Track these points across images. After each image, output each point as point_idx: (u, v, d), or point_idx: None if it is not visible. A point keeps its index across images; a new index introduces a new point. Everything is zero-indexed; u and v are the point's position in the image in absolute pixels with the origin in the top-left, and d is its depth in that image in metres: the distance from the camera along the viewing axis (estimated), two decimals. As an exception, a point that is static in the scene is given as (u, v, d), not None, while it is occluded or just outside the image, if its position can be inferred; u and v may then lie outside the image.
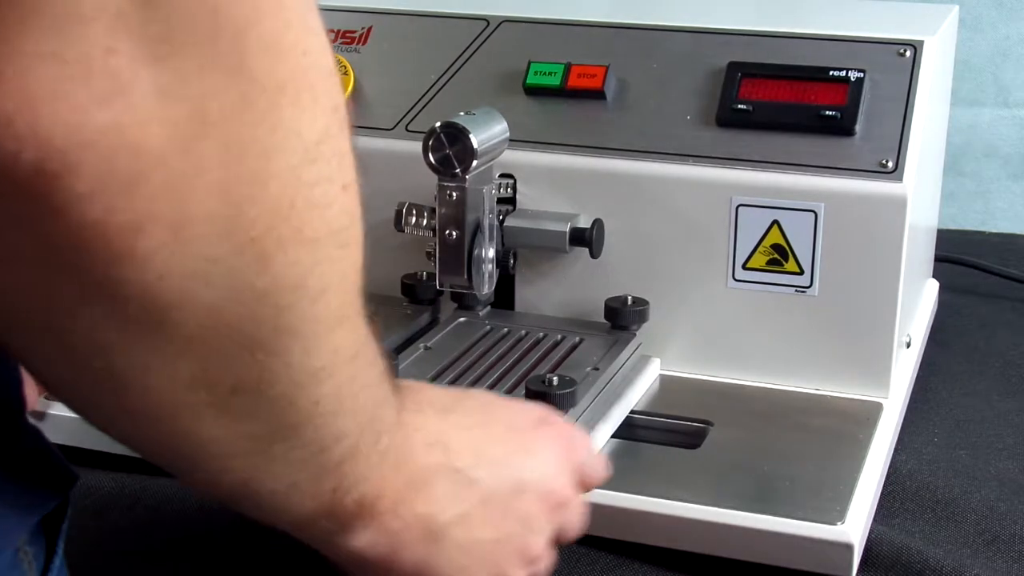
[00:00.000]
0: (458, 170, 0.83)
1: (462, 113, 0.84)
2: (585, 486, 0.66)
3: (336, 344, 0.47)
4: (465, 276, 0.86)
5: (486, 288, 0.88)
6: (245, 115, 0.39)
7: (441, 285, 0.88)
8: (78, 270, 0.38)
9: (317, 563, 0.64)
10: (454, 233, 0.85)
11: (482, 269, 0.87)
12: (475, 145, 0.82)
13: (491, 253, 0.87)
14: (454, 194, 0.84)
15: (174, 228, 0.38)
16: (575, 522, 0.65)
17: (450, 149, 0.82)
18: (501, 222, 0.90)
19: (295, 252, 0.42)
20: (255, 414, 0.46)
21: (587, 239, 0.90)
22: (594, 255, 0.91)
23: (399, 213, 0.88)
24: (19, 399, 0.50)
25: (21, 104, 0.34)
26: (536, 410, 0.66)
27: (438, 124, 0.83)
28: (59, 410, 0.86)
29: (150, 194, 0.37)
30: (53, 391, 0.45)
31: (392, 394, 0.54)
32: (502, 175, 0.93)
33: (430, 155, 0.83)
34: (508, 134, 0.87)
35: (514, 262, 0.93)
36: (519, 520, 0.61)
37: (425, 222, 0.88)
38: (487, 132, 0.85)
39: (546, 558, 0.63)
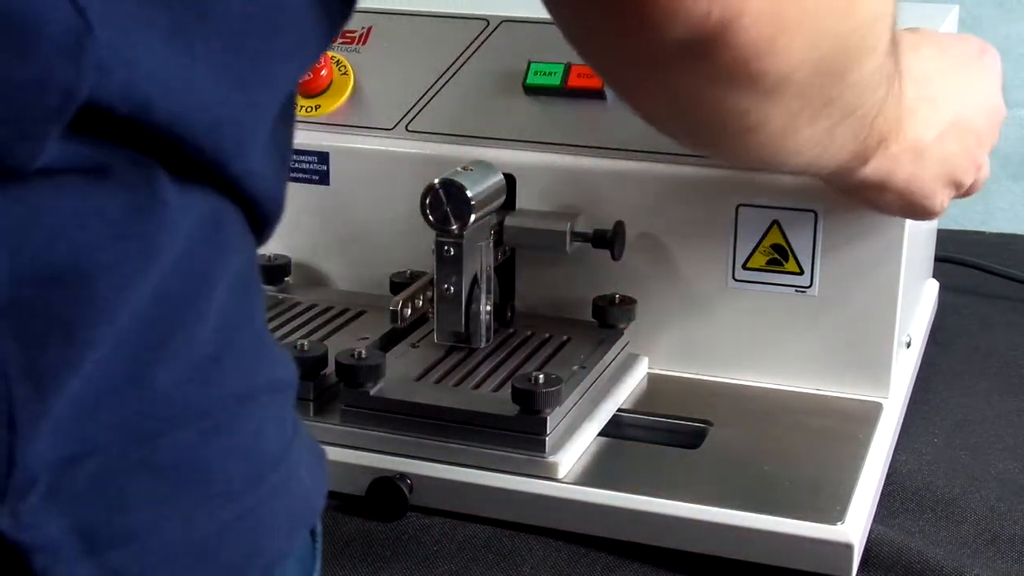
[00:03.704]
0: (455, 226, 0.83)
1: (459, 168, 0.84)
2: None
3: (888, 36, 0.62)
4: (463, 329, 0.87)
5: (483, 342, 0.88)
6: None
7: (439, 339, 0.88)
8: (730, 71, 0.54)
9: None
10: (451, 288, 0.85)
11: (479, 321, 0.87)
12: (472, 201, 0.82)
13: (488, 307, 0.88)
14: (451, 250, 0.84)
15: (797, 25, 0.53)
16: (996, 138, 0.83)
17: (447, 205, 0.82)
18: (501, 259, 0.91)
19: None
20: (832, 113, 0.62)
21: (609, 240, 0.89)
22: (616, 257, 0.90)
23: (394, 314, 0.86)
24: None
25: None
26: (976, 42, 0.83)
27: (436, 181, 0.83)
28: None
29: (785, 13, 0.52)
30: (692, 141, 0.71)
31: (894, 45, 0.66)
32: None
33: (429, 213, 0.83)
34: (504, 184, 0.88)
35: (512, 315, 0.93)
36: (974, 135, 0.79)
37: (421, 303, 0.88)
38: (483, 187, 0.85)
39: (985, 167, 0.82)
